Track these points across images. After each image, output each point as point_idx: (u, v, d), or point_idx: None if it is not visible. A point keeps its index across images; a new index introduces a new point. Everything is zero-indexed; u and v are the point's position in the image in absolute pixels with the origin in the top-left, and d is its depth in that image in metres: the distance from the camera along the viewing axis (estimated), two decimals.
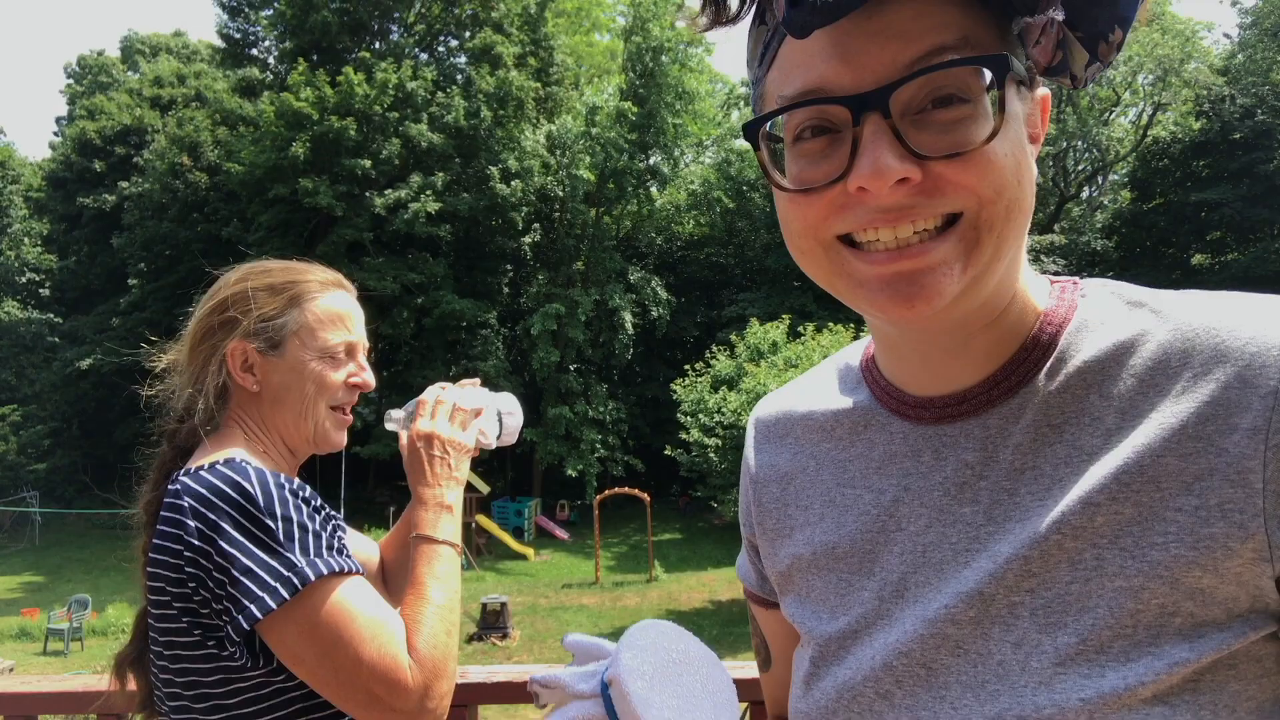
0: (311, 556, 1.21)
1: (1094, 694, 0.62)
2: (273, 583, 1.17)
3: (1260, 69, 28.06)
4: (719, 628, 18.75)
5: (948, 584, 0.70)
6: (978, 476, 0.71)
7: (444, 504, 1.43)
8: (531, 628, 19.11)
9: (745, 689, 2.03)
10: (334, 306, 1.46)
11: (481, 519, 25.25)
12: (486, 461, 28.29)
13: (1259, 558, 0.60)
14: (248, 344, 1.39)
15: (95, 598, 19.63)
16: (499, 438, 1.63)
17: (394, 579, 1.66)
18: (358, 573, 1.26)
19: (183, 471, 1.28)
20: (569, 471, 28.22)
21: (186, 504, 1.21)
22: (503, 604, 18.20)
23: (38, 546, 30.09)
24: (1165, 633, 0.62)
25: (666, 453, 21.63)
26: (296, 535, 1.21)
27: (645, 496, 23.82)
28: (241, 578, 1.17)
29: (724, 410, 18.73)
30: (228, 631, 1.19)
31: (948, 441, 0.73)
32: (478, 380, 1.66)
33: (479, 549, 25.09)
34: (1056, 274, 0.76)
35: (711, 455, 18.87)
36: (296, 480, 1.29)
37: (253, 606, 1.16)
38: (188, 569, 1.20)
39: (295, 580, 1.18)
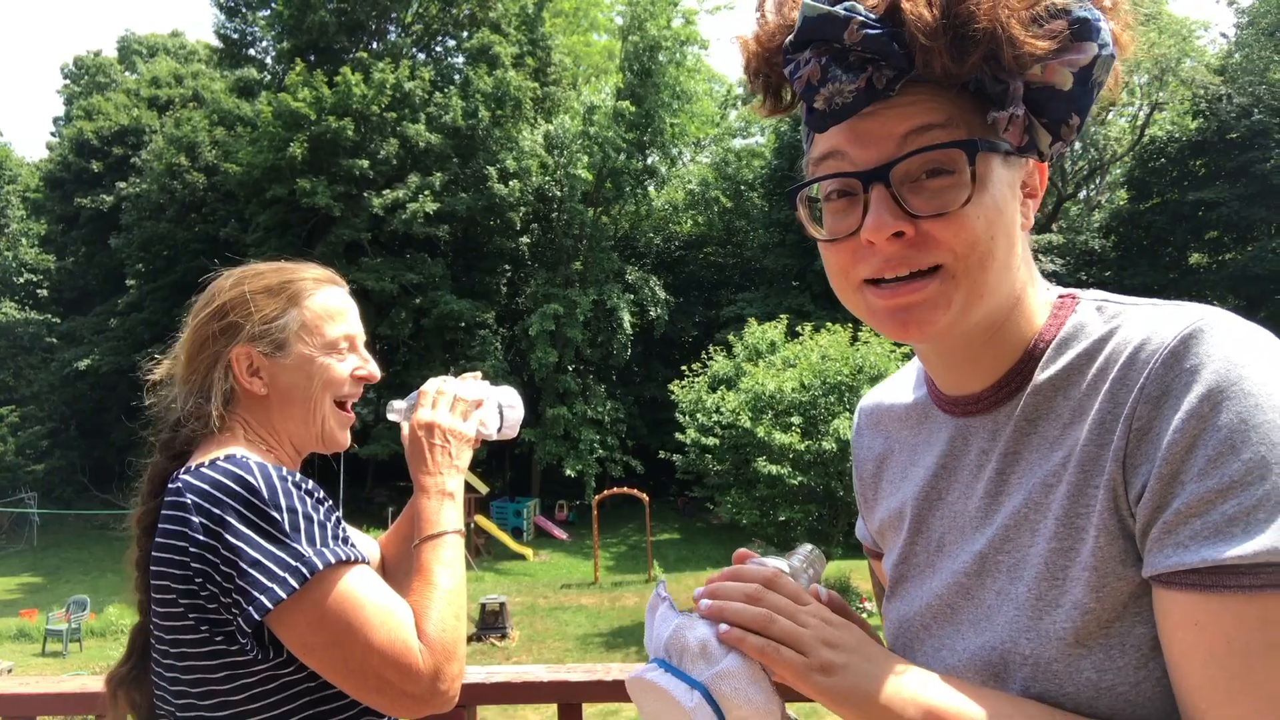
0: (318, 546, 1.22)
1: (1035, 634, 0.81)
2: (281, 573, 1.18)
3: (1257, 68, 28.07)
4: None
5: (966, 544, 0.91)
6: (988, 460, 0.90)
7: (445, 491, 1.44)
8: (530, 628, 19.09)
9: None
10: (331, 301, 1.48)
11: (480, 519, 25.24)
12: (485, 462, 28.32)
13: (1126, 513, 0.77)
14: (252, 348, 1.40)
15: (94, 599, 19.60)
16: (500, 430, 1.65)
17: (394, 575, 1.67)
18: (363, 561, 1.27)
19: (182, 470, 1.28)
20: (567, 472, 28.20)
21: (189, 500, 1.22)
22: (501, 604, 18.19)
23: (36, 547, 30.04)
24: (1079, 585, 0.79)
25: (662, 455, 21.62)
26: (302, 526, 1.22)
27: (644, 497, 23.82)
28: (250, 570, 1.17)
29: (722, 410, 18.72)
30: (238, 624, 1.19)
31: (970, 432, 0.93)
32: (479, 374, 1.67)
33: (478, 549, 25.07)
34: (1055, 273, 0.88)
35: (709, 456, 18.86)
36: (298, 473, 1.29)
37: (263, 598, 1.17)
38: (194, 565, 1.20)
39: (304, 570, 1.19)
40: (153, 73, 41.41)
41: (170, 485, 1.27)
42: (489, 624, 17.91)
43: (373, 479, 31.65)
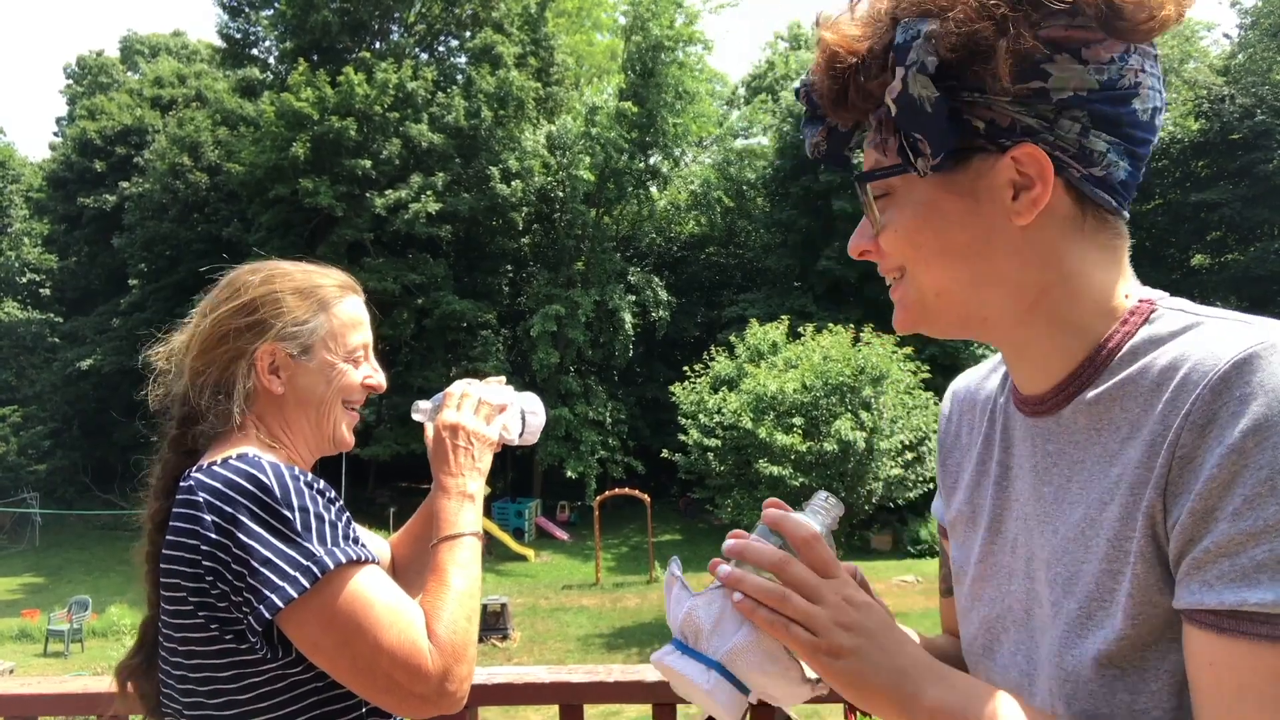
0: (329, 546, 1.22)
1: (1078, 652, 0.81)
2: (292, 572, 1.18)
3: (1260, 69, 28.05)
4: None
5: (1034, 549, 0.90)
6: (1053, 465, 0.89)
7: (466, 493, 1.45)
8: (532, 629, 19.10)
9: None
10: (354, 310, 1.49)
11: (482, 520, 25.22)
12: None
13: (1163, 540, 0.76)
14: (278, 347, 1.40)
15: (96, 599, 19.63)
16: (521, 436, 1.66)
17: (405, 575, 1.68)
18: (374, 561, 1.28)
19: (194, 468, 1.29)
20: (569, 473, 28.19)
21: (201, 499, 1.22)
22: (503, 605, 18.20)
23: (38, 548, 30.08)
24: (1120, 610, 0.78)
25: (663, 456, 21.61)
26: (314, 525, 1.22)
27: (645, 497, 23.81)
28: (261, 568, 1.18)
29: (724, 411, 18.71)
30: (248, 622, 1.19)
31: (1038, 432, 0.92)
32: (503, 378, 1.68)
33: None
34: None
35: (710, 456, 18.85)
36: (310, 473, 1.30)
37: (274, 596, 1.17)
38: (205, 563, 1.20)
39: (315, 569, 1.19)
40: (155, 72, 41.45)
41: (182, 483, 1.27)
42: (490, 625, 17.92)
43: (375, 480, 31.67)
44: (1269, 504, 0.68)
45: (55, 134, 47.47)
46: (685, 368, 22.03)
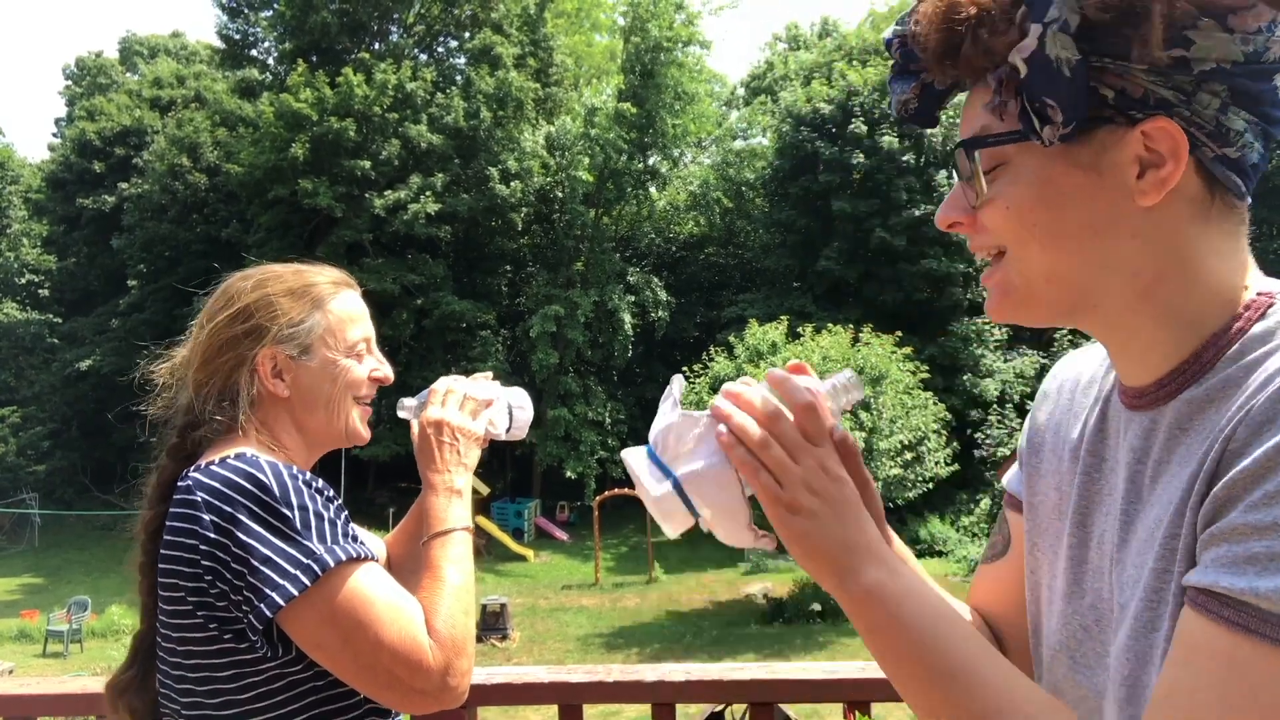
0: (329, 544, 1.23)
1: (1131, 657, 0.78)
2: (292, 570, 1.19)
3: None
4: (719, 629, 18.75)
5: (1120, 547, 0.86)
6: (1138, 460, 0.85)
7: (453, 489, 1.46)
8: (531, 629, 19.10)
9: (746, 689, 2.03)
10: (351, 305, 1.50)
11: (481, 520, 25.25)
12: (486, 463, 28.13)
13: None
14: (278, 350, 1.40)
15: (95, 599, 19.62)
16: (509, 431, 1.66)
17: (401, 574, 1.68)
18: (372, 559, 1.28)
19: (192, 469, 1.29)
20: (568, 473, 28.21)
21: (200, 498, 1.22)
22: (502, 605, 18.20)
23: (37, 548, 30.07)
24: (1166, 614, 0.75)
25: None
26: (313, 524, 1.23)
27: None
28: (261, 567, 1.18)
29: None
30: (249, 621, 1.19)
31: (1135, 427, 0.87)
32: (490, 374, 1.68)
33: (478, 550, 24.85)
34: None
35: None
36: (308, 472, 1.30)
37: (275, 595, 1.18)
38: (204, 563, 1.21)
39: (315, 567, 1.20)
40: (154, 73, 41.46)
41: (180, 484, 1.28)
42: (490, 625, 17.92)
43: (374, 481, 31.66)
44: None
45: (54, 135, 47.49)
46: (684, 368, 22.03)
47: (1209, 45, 0.72)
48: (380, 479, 31.61)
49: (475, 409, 1.55)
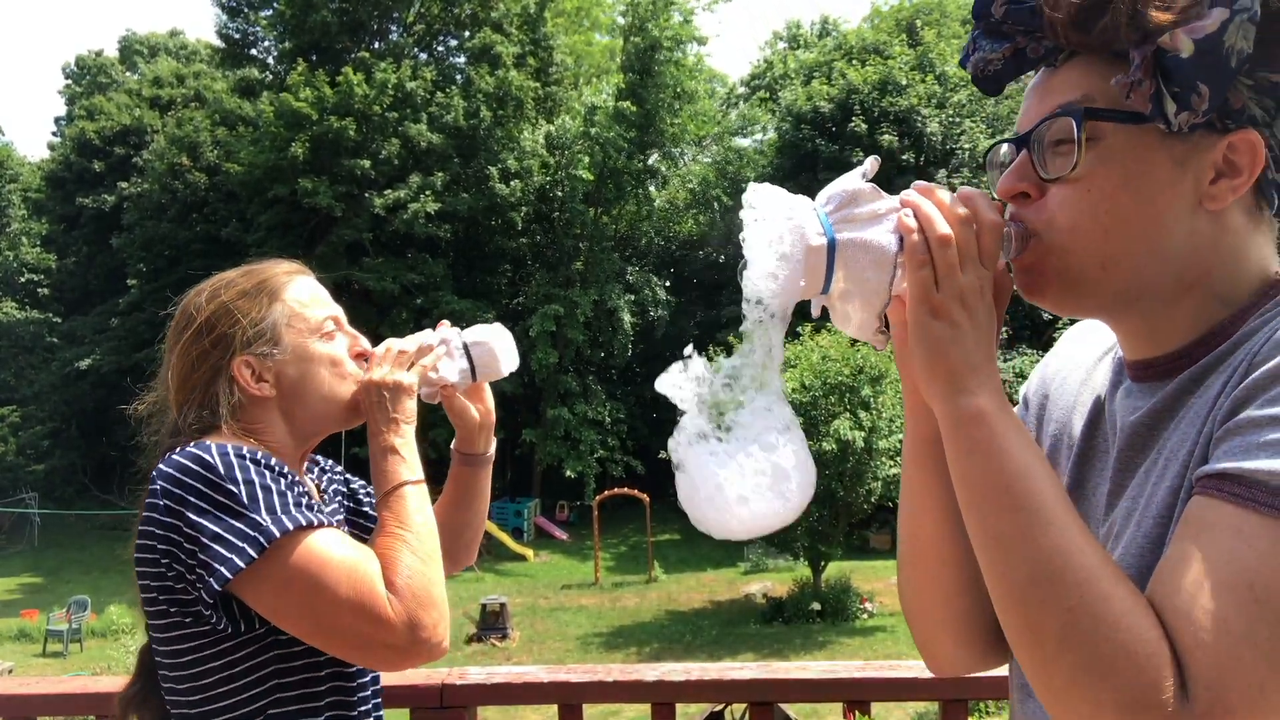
0: (278, 514, 1.25)
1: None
2: (240, 544, 1.22)
3: None
4: (719, 628, 18.75)
5: (1109, 524, 0.89)
6: (1149, 421, 0.87)
7: (389, 447, 1.43)
8: (531, 629, 19.09)
9: (746, 689, 2.03)
10: (306, 289, 1.50)
11: None
12: None
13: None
14: (250, 356, 1.41)
15: (94, 599, 19.61)
16: (475, 374, 1.58)
17: (446, 540, 1.70)
18: (329, 525, 1.30)
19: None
20: (568, 472, 28.20)
21: (158, 486, 1.27)
22: (502, 605, 18.19)
23: (37, 548, 30.07)
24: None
25: (662, 455, 21.59)
26: (260, 496, 1.25)
27: (644, 497, 23.80)
28: (211, 544, 1.21)
29: None
30: (200, 596, 1.23)
31: (1134, 394, 0.90)
32: (446, 322, 1.64)
33: (478, 550, 25.07)
34: None
35: None
36: (260, 451, 1.32)
37: (222, 568, 1.20)
38: (160, 546, 1.25)
39: (261, 539, 1.22)
40: (154, 72, 41.41)
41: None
42: (489, 624, 17.92)
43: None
44: None
45: (54, 134, 47.44)
46: None
47: None
48: None
49: (403, 360, 1.51)
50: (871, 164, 0.88)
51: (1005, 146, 0.92)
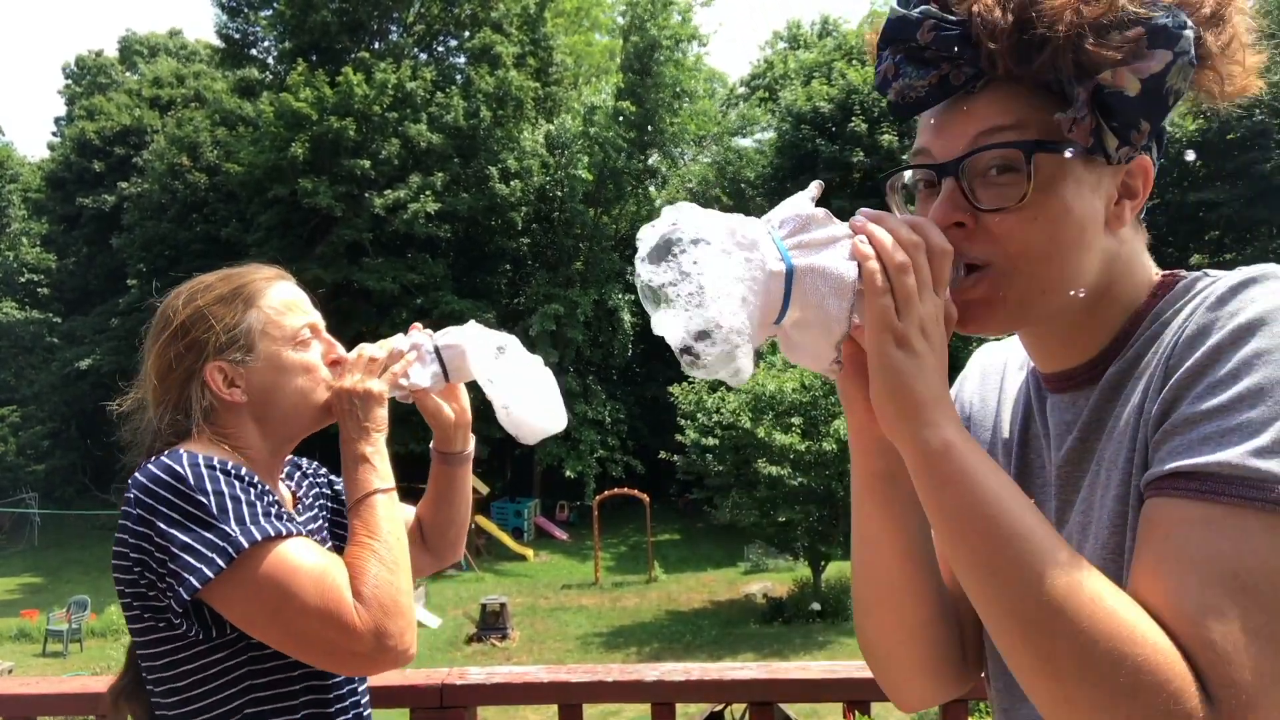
0: (247, 525, 1.27)
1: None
2: (209, 554, 1.23)
3: (1258, 69, 28.03)
4: (718, 628, 18.75)
5: (1064, 518, 0.92)
6: (1079, 431, 0.91)
7: (360, 455, 1.45)
8: (531, 629, 19.10)
9: (746, 689, 2.03)
10: (285, 295, 1.50)
11: (481, 520, 25.23)
12: (486, 462, 28.29)
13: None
14: (223, 361, 1.42)
15: (94, 599, 19.61)
16: (447, 375, 1.57)
17: (430, 541, 1.75)
18: (299, 534, 1.31)
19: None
20: (568, 472, 28.19)
21: (132, 496, 1.29)
22: (502, 605, 18.19)
23: (37, 548, 30.07)
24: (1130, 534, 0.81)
25: (662, 456, 21.60)
26: (230, 507, 1.27)
27: (644, 497, 23.81)
28: (181, 554, 1.23)
29: (722, 411, 18.72)
30: (170, 605, 1.24)
31: (1057, 406, 0.94)
32: (418, 325, 1.65)
33: (478, 550, 25.06)
34: None
35: (709, 456, 18.84)
36: (231, 462, 1.33)
37: (191, 578, 1.22)
38: (133, 555, 1.27)
39: (230, 549, 1.24)
40: (154, 72, 41.40)
41: None
42: (489, 624, 17.92)
43: None
44: (1230, 386, 0.71)
45: (54, 134, 47.42)
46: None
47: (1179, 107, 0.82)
48: None
49: (376, 367, 1.51)
50: (816, 188, 0.89)
51: (909, 172, 0.92)
